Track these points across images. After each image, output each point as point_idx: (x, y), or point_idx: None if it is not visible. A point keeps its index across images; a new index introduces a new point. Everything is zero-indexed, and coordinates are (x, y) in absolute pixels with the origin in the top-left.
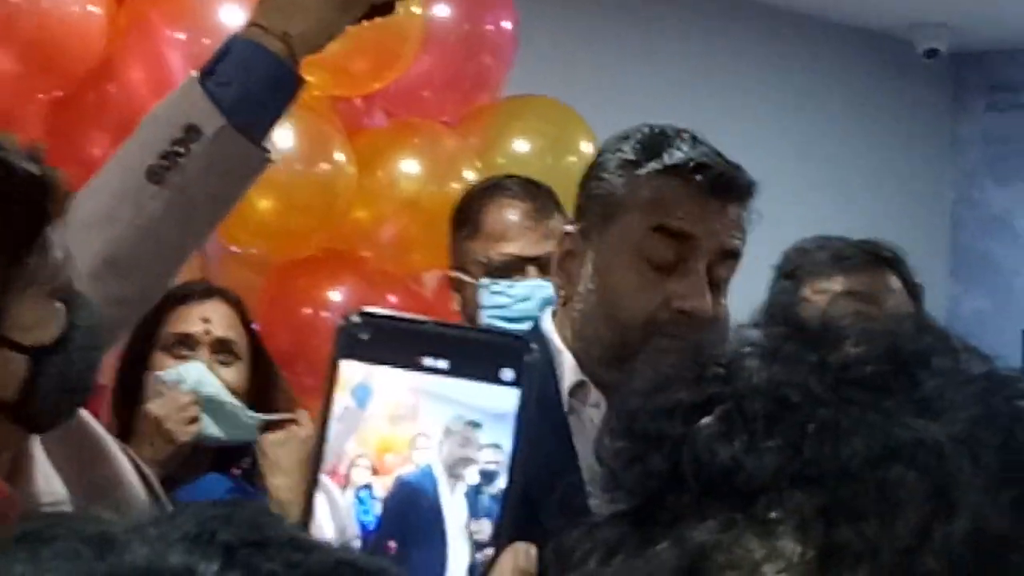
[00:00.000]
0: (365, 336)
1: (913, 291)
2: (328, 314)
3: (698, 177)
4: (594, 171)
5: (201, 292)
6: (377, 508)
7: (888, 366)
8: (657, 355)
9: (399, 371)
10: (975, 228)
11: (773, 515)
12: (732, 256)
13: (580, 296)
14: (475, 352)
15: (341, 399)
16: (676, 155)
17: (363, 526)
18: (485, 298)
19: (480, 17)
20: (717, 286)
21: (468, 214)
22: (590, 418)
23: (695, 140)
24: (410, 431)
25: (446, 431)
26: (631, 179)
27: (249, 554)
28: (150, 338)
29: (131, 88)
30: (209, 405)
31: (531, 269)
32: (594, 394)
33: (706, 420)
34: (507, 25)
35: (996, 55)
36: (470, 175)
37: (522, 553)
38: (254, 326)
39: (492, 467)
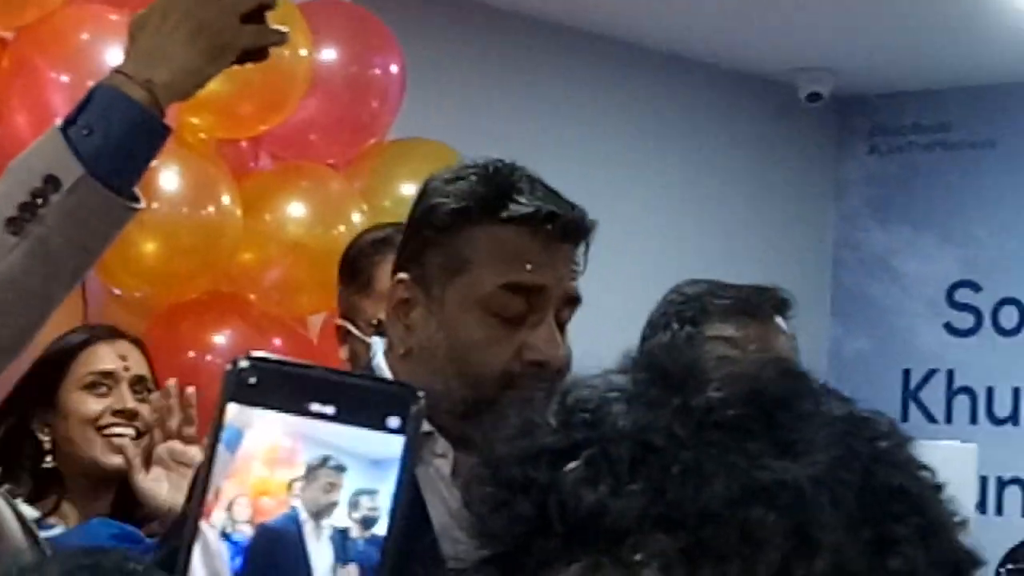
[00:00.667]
0: (252, 380)
1: (793, 336)
2: (212, 357)
3: (547, 227)
4: (427, 216)
5: (108, 333)
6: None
7: (750, 409)
8: (520, 403)
9: (284, 416)
10: (857, 269)
11: (638, 557)
12: (576, 302)
13: (425, 349)
14: (362, 399)
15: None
16: (521, 205)
17: (235, 572)
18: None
19: (367, 60)
20: (562, 329)
21: (358, 269)
22: (437, 468)
23: (532, 182)
24: (287, 475)
25: (308, 474)
26: (474, 231)
27: None
28: (55, 384)
29: (16, 133)
30: None
31: None
32: (441, 444)
33: (572, 465)
34: (394, 68)
35: (878, 99)
36: (356, 218)
37: None
38: None
39: (367, 512)
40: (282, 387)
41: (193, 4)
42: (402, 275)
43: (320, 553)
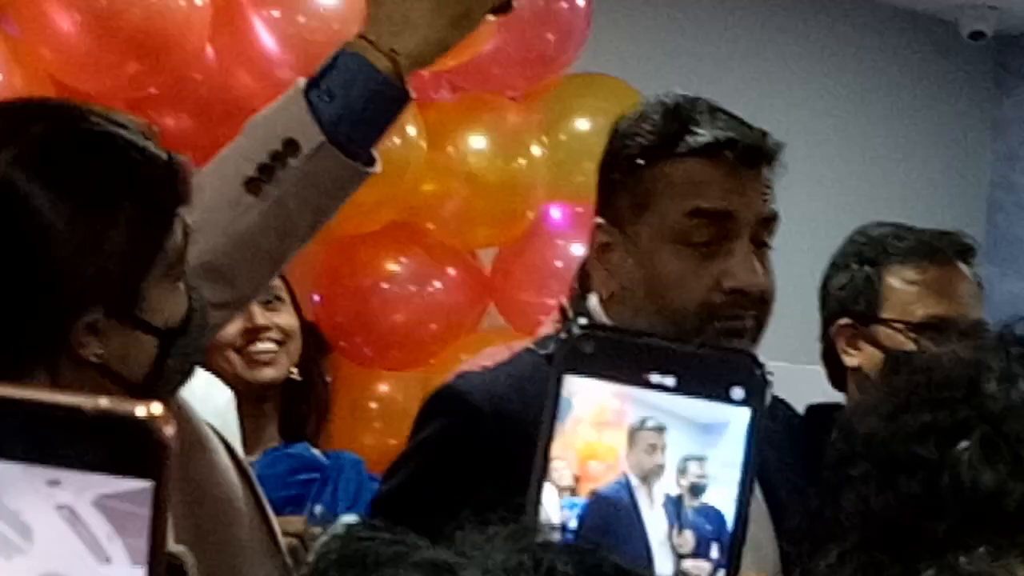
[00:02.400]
0: (589, 350)
1: (979, 284)
2: (388, 285)
3: (727, 153)
4: (615, 158)
5: None
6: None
7: None
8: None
9: (624, 387)
10: (1012, 211)
11: None
12: (771, 220)
13: (626, 289)
14: (703, 369)
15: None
16: (700, 135)
17: (572, 537)
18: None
19: None
20: (762, 252)
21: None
22: None
23: (713, 111)
24: (614, 439)
25: (629, 438)
26: (658, 165)
27: None
28: None
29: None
30: None
31: None
32: None
33: (964, 444)
34: (580, 2)
35: None
36: (536, 150)
37: None
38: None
39: (695, 480)
40: (619, 357)
41: None
42: (599, 220)
43: (654, 520)
